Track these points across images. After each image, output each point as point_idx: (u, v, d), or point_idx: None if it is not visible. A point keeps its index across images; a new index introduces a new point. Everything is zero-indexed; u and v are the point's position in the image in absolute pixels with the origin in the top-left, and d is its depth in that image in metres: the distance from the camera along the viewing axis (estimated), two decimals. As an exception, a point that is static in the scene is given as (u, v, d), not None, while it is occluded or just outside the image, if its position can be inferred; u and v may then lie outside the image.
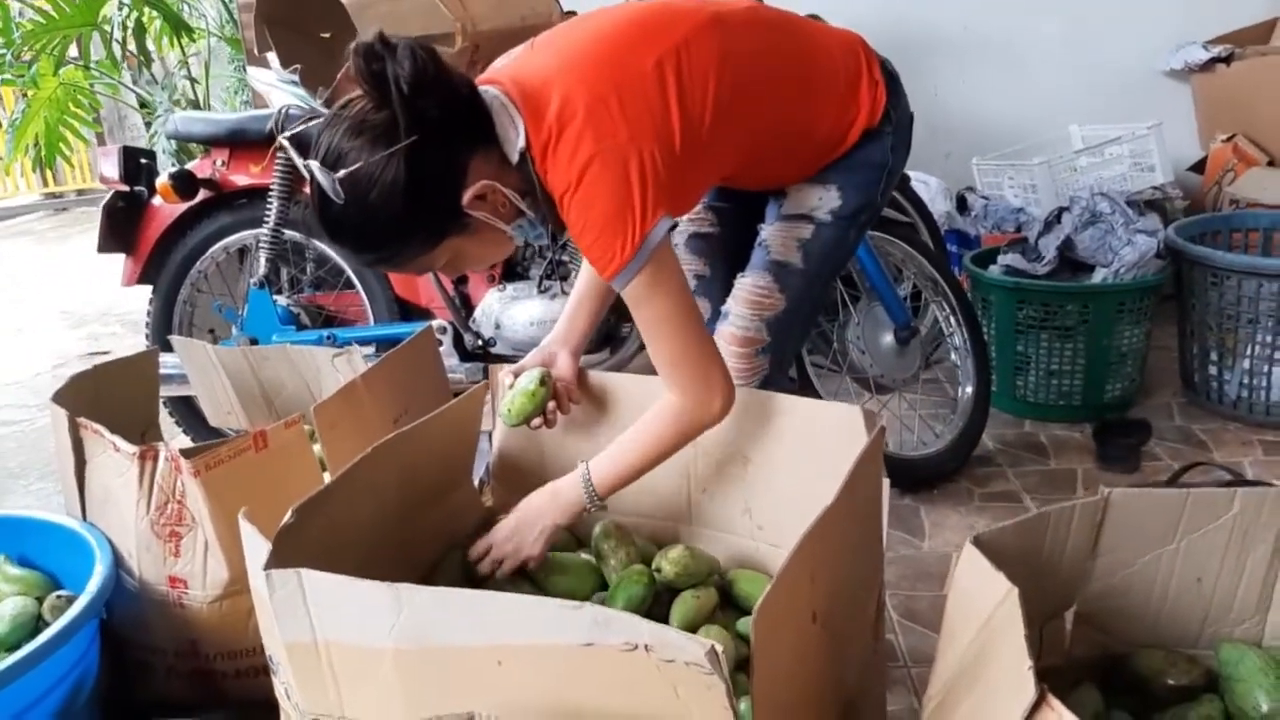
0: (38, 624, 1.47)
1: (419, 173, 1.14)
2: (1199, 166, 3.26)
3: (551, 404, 1.46)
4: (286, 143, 1.22)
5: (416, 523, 1.36)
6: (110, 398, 1.73)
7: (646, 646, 0.83)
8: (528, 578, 1.37)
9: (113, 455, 1.49)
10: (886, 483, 1.21)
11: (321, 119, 1.18)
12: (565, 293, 2.32)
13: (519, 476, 1.56)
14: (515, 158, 1.23)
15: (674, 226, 1.23)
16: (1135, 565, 1.07)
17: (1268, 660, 1.05)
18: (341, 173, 1.12)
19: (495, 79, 1.27)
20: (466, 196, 1.19)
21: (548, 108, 1.21)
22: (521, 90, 1.23)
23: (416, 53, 1.11)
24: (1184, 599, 1.10)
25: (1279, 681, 1.03)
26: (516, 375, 1.46)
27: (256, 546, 1.02)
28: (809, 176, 1.49)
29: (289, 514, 1.06)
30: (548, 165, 1.22)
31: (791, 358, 1.60)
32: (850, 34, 1.51)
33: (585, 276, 1.55)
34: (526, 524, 1.34)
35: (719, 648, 0.80)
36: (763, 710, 0.87)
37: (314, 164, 1.14)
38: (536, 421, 1.45)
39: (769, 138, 1.39)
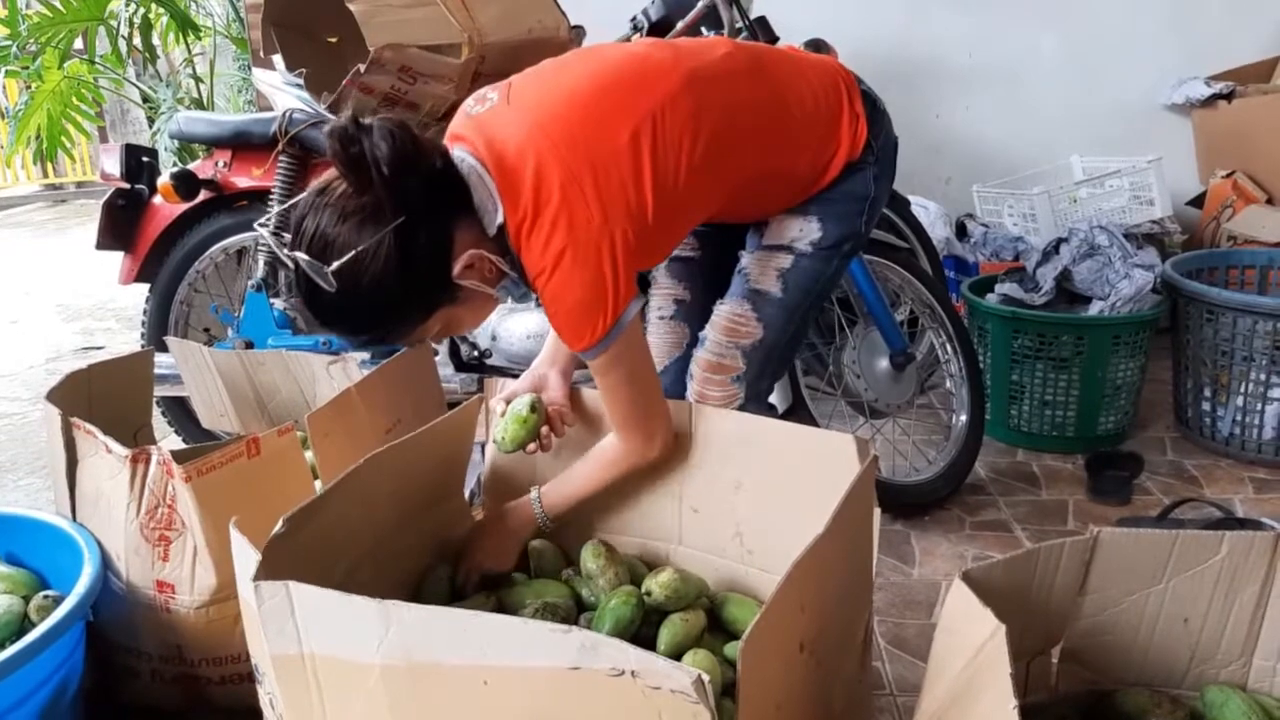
0: (24, 623, 1.46)
1: (410, 251, 1.14)
2: (1198, 201, 3.28)
3: (545, 429, 1.46)
4: (266, 233, 1.22)
5: (407, 534, 1.36)
6: (104, 397, 1.73)
7: (633, 673, 0.83)
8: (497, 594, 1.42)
9: (105, 457, 1.49)
10: (877, 512, 1.21)
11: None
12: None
13: (511, 490, 1.56)
14: (493, 231, 1.23)
15: (645, 304, 1.30)
16: (1123, 604, 1.08)
17: (1251, 704, 1.05)
18: (334, 264, 1.11)
19: (465, 137, 1.26)
20: (456, 268, 1.19)
21: (523, 186, 1.20)
22: (496, 159, 1.22)
23: (394, 132, 1.10)
24: (1170, 639, 1.10)
25: (1262, 726, 1.03)
26: (508, 402, 1.46)
27: (246, 557, 1.02)
28: (790, 208, 1.49)
29: (279, 524, 1.06)
30: (522, 246, 1.23)
31: (769, 387, 1.59)
32: (830, 64, 1.49)
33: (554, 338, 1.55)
34: (491, 542, 1.45)
35: (705, 677, 0.80)
36: (747, 738, 0.87)
37: (300, 255, 1.13)
38: (531, 447, 1.45)
39: (745, 185, 1.39)
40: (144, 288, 2.52)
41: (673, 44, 1.39)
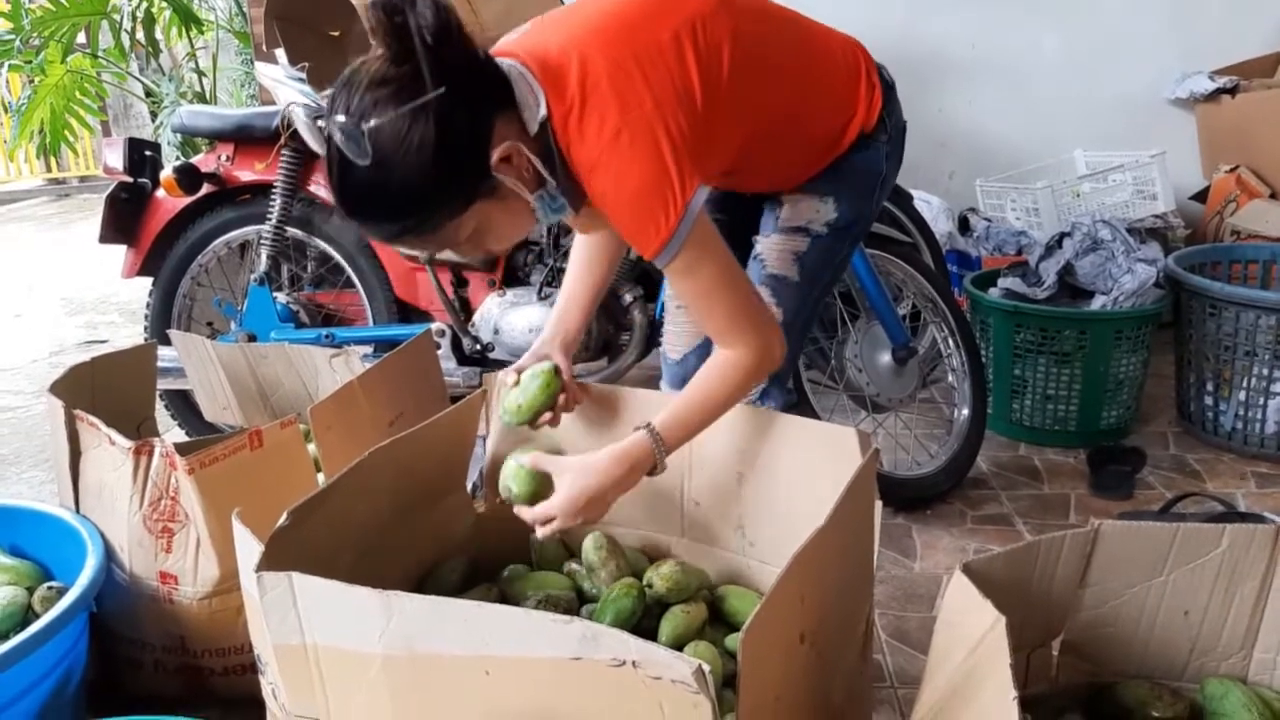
0: (27, 614, 1.47)
1: (448, 127, 1.08)
2: (1201, 195, 3.27)
3: (562, 397, 1.42)
4: (298, 113, 1.16)
5: (409, 527, 1.36)
6: (107, 390, 1.73)
7: (634, 663, 0.84)
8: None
9: (108, 449, 1.50)
10: (878, 505, 1.22)
11: (339, 79, 1.13)
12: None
13: (513, 483, 1.56)
14: (535, 128, 1.18)
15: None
16: (1124, 596, 1.08)
17: (1251, 697, 1.06)
18: (372, 123, 1.05)
19: (509, 52, 1.21)
20: (494, 157, 1.14)
21: (568, 77, 1.17)
22: (539, 61, 1.18)
23: (438, 4, 1.06)
24: (1171, 632, 1.10)
25: (1261, 718, 1.03)
26: (519, 374, 1.42)
27: (249, 548, 1.03)
28: (805, 182, 1.49)
29: (284, 516, 1.06)
30: (571, 137, 1.18)
31: (790, 370, 1.60)
32: (849, 38, 1.51)
33: (573, 276, 1.52)
34: (596, 492, 1.25)
35: (706, 667, 0.81)
36: (748, 728, 0.87)
37: (337, 119, 1.07)
38: (547, 416, 1.40)
39: (774, 122, 1.37)
40: (147, 281, 2.52)
41: None
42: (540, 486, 1.31)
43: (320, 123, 1.14)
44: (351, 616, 0.95)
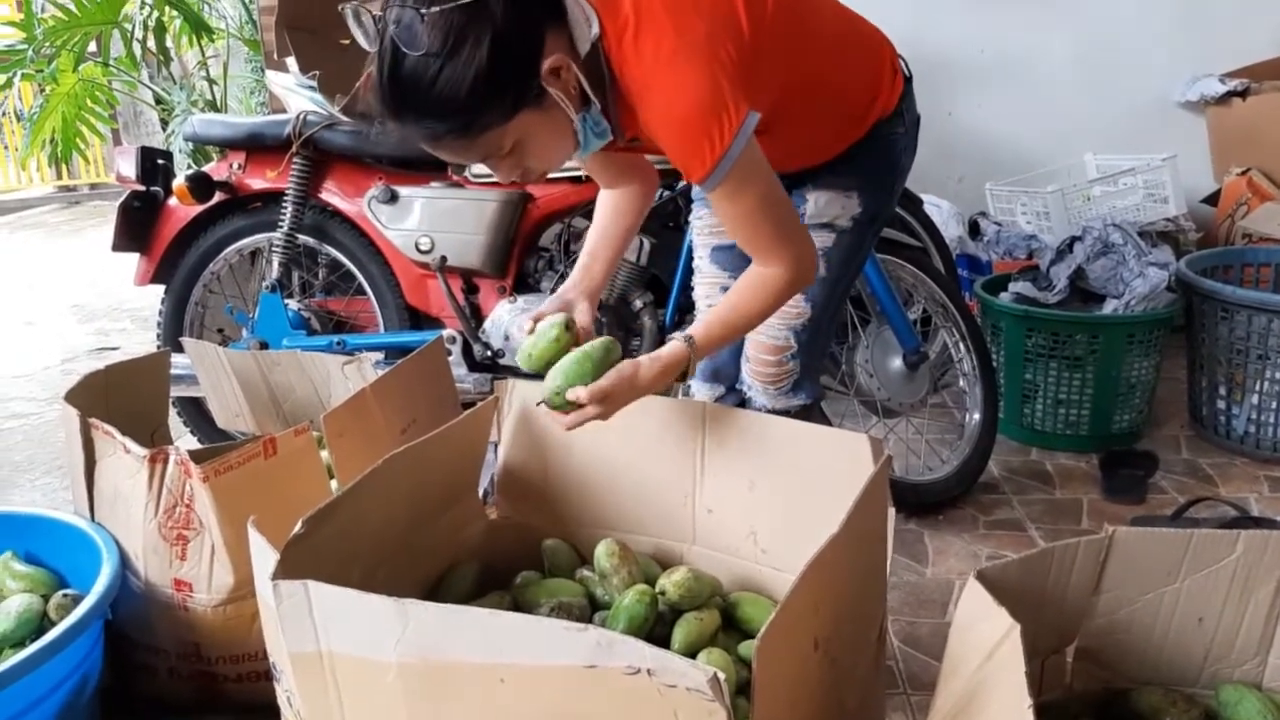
0: (43, 622, 1.48)
1: (504, 28, 1.09)
2: (1213, 198, 3.26)
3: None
4: (349, 9, 1.16)
5: (423, 534, 1.36)
6: (121, 397, 1.74)
7: (649, 671, 0.84)
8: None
9: (123, 457, 1.50)
10: (891, 511, 1.21)
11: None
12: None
13: (523, 489, 1.57)
14: (586, 48, 1.19)
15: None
16: (1138, 603, 1.08)
17: (1266, 703, 1.05)
18: (432, 9, 1.07)
19: None
20: (544, 67, 1.15)
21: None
22: None
23: None
24: (1185, 638, 1.10)
25: (1279, 725, 1.03)
26: (536, 321, 1.39)
27: (264, 556, 1.03)
28: (827, 178, 1.51)
29: (298, 524, 1.07)
30: (624, 55, 1.19)
31: (821, 361, 1.65)
32: (876, 28, 1.55)
33: (599, 227, 1.54)
34: (627, 385, 1.27)
35: (721, 675, 0.81)
36: (762, 736, 0.87)
37: (396, 7, 1.09)
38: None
39: (808, 78, 1.38)
40: (158, 289, 2.54)
41: None
42: (560, 356, 1.30)
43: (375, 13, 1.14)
44: (367, 625, 0.95)
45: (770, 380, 1.59)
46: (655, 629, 1.31)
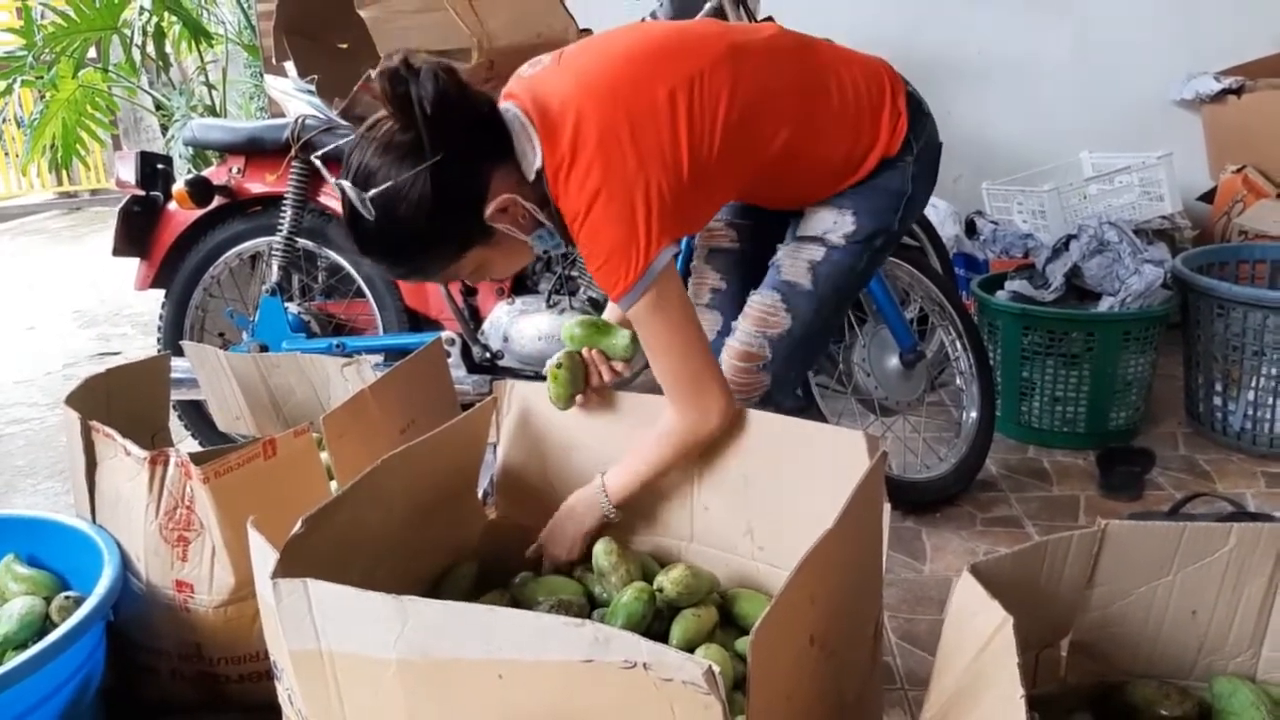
0: (45, 623, 1.48)
1: (444, 187, 1.20)
2: (1209, 196, 3.27)
3: (605, 369, 1.50)
4: (318, 163, 1.30)
5: (422, 534, 1.37)
6: (122, 401, 1.75)
7: (645, 665, 0.85)
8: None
9: (124, 459, 1.51)
10: (887, 507, 1.22)
11: (345, 135, 1.24)
12: (573, 308, 2.34)
13: (522, 489, 1.58)
14: (532, 176, 1.29)
15: (677, 254, 1.30)
16: (1131, 596, 1.08)
17: (1260, 694, 1.06)
18: (372, 191, 1.19)
19: (516, 94, 1.32)
20: (489, 210, 1.25)
21: (563, 133, 1.26)
22: (540, 110, 1.28)
23: (439, 75, 1.17)
24: (1179, 631, 1.10)
25: (1270, 715, 1.03)
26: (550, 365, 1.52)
27: (264, 555, 1.04)
28: (826, 198, 1.52)
29: (298, 524, 1.08)
30: (559, 190, 1.28)
31: (797, 378, 1.62)
32: (877, 62, 1.53)
33: None
34: (557, 534, 1.46)
35: (716, 668, 0.82)
36: (759, 730, 0.88)
37: (345, 183, 1.21)
38: (580, 399, 1.50)
39: (777, 161, 1.41)
40: (159, 293, 2.55)
41: (722, 22, 1.43)
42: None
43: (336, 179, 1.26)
44: (366, 622, 0.96)
45: (739, 389, 1.53)
46: (653, 626, 1.32)
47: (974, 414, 2.29)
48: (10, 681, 1.25)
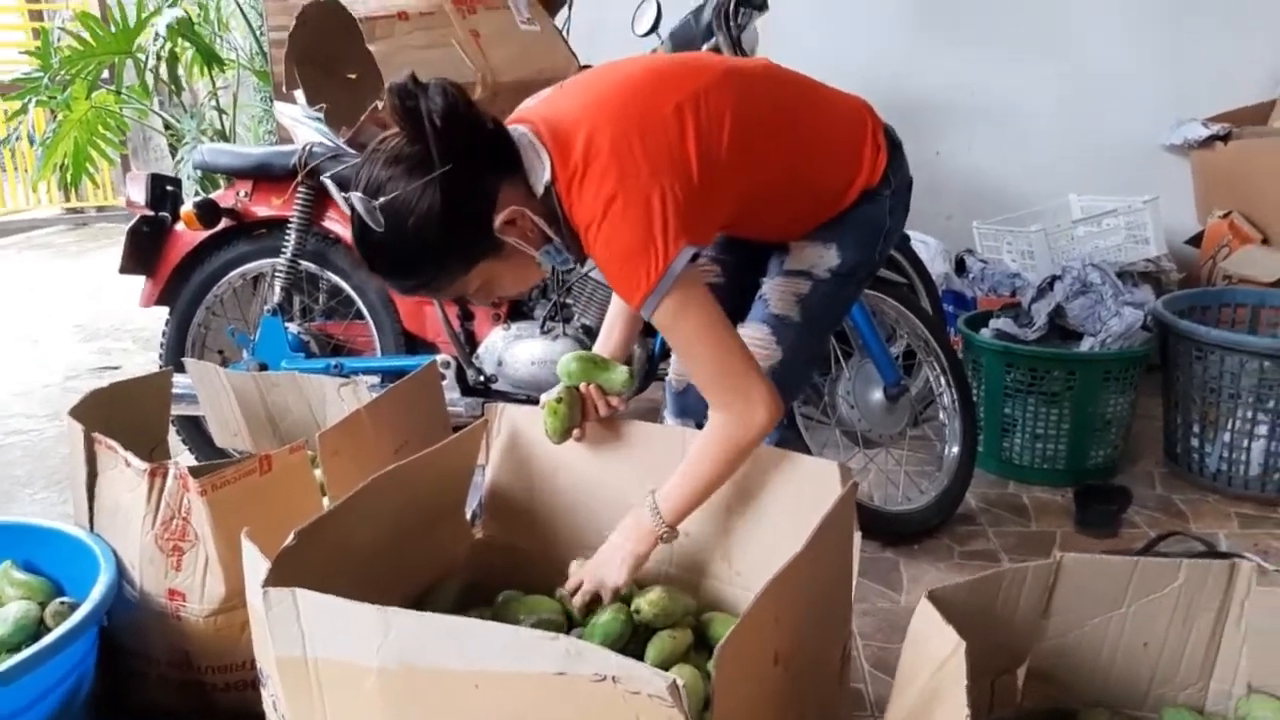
0: (39, 628, 1.52)
1: (453, 199, 1.22)
2: (1196, 240, 3.33)
3: (601, 404, 1.54)
4: (328, 182, 1.32)
5: (410, 550, 1.42)
6: (124, 414, 1.80)
7: (614, 678, 0.89)
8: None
9: (124, 471, 1.56)
10: (858, 535, 1.27)
11: (351, 163, 1.27)
12: (567, 334, 2.39)
13: (509, 510, 1.63)
14: (540, 190, 1.31)
15: (696, 256, 1.30)
16: (1085, 627, 1.13)
17: (1207, 725, 1.10)
18: (381, 200, 1.21)
19: (525, 118, 1.36)
20: (497, 221, 1.27)
21: (574, 145, 1.29)
22: (551, 128, 1.32)
23: (447, 90, 1.20)
24: (1131, 662, 1.15)
25: (1216, 745, 1.08)
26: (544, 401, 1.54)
27: (256, 565, 1.09)
28: (809, 232, 1.57)
29: (290, 537, 1.12)
30: (572, 199, 1.30)
31: (788, 408, 1.67)
32: (858, 100, 1.59)
33: (616, 300, 1.64)
34: (606, 558, 1.42)
35: (681, 682, 0.86)
36: (721, 744, 0.92)
37: (355, 195, 1.23)
38: (576, 433, 1.54)
39: (774, 183, 1.46)
40: (162, 310, 2.60)
41: (719, 55, 1.47)
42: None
43: (346, 193, 1.27)
44: (351, 631, 1.01)
45: None
46: (629, 646, 1.36)
47: (955, 449, 2.33)
48: (5, 681, 1.28)
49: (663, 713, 0.88)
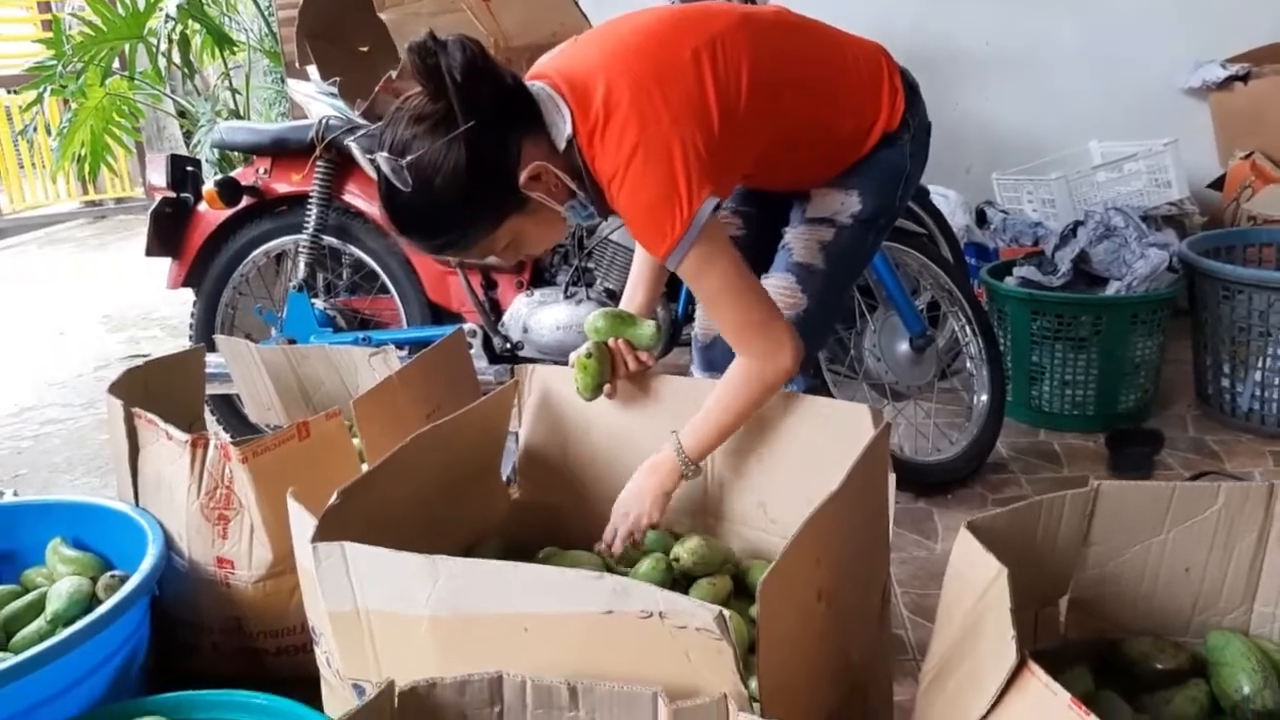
0: (92, 601, 1.55)
1: (478, 154, 1.22)
2: (1219, 183, 3.30)
3: (631, 359, 1.54)
4: (353, 147, 1.32)
5: (450, 508, 1.44)
6: (159, 392, 1.82)
7: (661, 614, 0.91)
8: None
9: (165, 443, 1.59)
10: (892, 477, 1.28)
11: (363, 129, 1.27)
12: (590, 298, 2.40)
13: (544, 469, 1.64)
14: (563, 144, 1.31)
15: (719, 205, 1.30)
16: (1126, 554, 1.13)
17: (1250, 646, 1.10)
18: (407, 159, 1.21)
19: (542, 73, 1.36)
20: (522, 177, 1.28)
21: (593, 97, 1.29)
22: (568, 81, 1.32)
23: (466, 45, 1.21)
24: (1173, 588, 1.15)
25: (1261, 665, 1.08)
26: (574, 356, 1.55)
27: (304, 523, 1.11)
28: (830, 179, 1.57)
29: (335, 495, 1.14)
30: (595, 151, 1.30)
31: (814, 356, 1.67)
32: (873, 44, 1.59)
33: (640, 257, 1.64)
34: (635, 496, 1.45)
35: (726, 613, 0.88)
36: (768, 679, 0.94)
37: (381, 155, 1.23)
38: (608, 388, 1.55)
39: (795, 130, 1.46)
40: (186, 297, 2.63)
41: (732, 2, 1.47)
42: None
43: (370, 154, 1.27)
44: (400, 581, 1.03)
45: None
46: (670, 594, 1.38)
47: (984, 398, 2.33)
48: (60, 653, 1.31)
49: (711, 645, 0.90)
